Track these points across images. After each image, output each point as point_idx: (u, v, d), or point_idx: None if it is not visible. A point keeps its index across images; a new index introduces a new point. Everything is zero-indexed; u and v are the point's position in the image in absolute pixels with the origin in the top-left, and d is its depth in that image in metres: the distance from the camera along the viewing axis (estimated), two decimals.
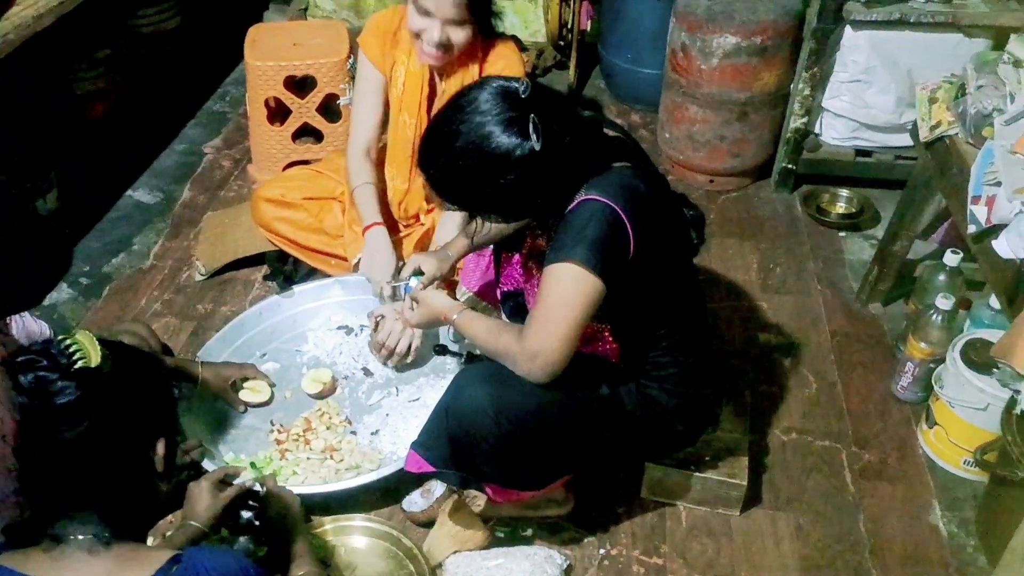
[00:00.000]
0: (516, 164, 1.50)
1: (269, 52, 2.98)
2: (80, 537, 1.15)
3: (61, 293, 2.67)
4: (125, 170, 3.26)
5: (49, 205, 2.87)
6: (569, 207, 1.58)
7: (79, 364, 1.11)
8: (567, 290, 1.53)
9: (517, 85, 1.53)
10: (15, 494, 1.34)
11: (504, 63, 2.31)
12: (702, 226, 1.72)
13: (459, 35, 2.21)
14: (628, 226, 1.53)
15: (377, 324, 2.24)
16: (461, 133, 1.52)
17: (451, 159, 1.54)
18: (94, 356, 1.13)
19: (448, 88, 2.32)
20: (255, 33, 3.09)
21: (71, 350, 1.12)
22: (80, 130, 3.21)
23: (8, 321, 1.67)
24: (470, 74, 2.31)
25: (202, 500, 1.66)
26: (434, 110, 2.36)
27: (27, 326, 1.82)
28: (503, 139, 1.49)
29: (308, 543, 1.68)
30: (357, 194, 2.41)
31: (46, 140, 2.95)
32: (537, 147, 1.48)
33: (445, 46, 2.21)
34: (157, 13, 3.64)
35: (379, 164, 2.50)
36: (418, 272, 2.06)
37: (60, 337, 1.14)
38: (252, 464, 1.95)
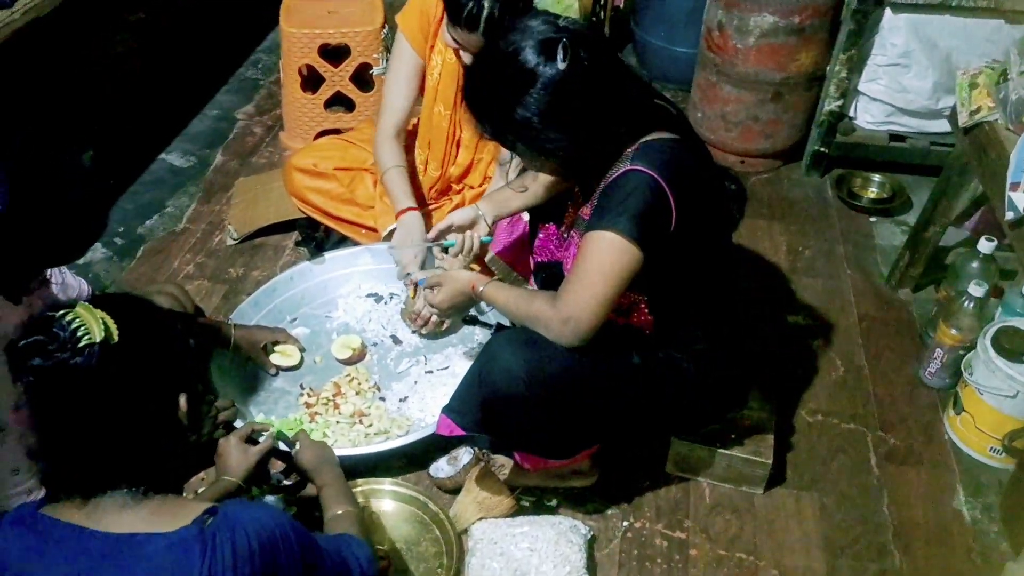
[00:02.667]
0: (542, 86, 1.51)
1: (304, 19, 2.98)
2: (112, 493, 1.17)
3: (96, 253, 2.70)
4: (159, 134, 3.29)
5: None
6: (613, 176, 1.58)
7: (83, 342, 1.11)
8: (605, 258, 1.54)
9: (562, 22, 1.55)
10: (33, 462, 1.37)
11: None
12: (743, 201, 1.72)
13: None
14: (671, 200, 1.54)
15: (415, 290, 2.25)
16: (499, 49, 1.56)
17: (487, 74, 1.59)
18: (97, 330, 1.12)
19: None
20: (290, 0, 3.09)
21: (73, 325, 1.12)
22: (113, 93, 3.22)
23: (48, 275, 1.69)
24: None
25: (232, 455, 1.68)
26: None
27: (66, 280, 1.84)
28: (531, 56, 1.51)
29: (345, 484, 1.69)
30: (388, 178, 2.37)
31: (79, 101, 2.96)
32: (561, 67, 1.49)
33: None
34: None
35: (408, 148, 2.47)
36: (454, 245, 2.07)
37: (61, 312, 1.14)
38: (279, 432, 1.94)
